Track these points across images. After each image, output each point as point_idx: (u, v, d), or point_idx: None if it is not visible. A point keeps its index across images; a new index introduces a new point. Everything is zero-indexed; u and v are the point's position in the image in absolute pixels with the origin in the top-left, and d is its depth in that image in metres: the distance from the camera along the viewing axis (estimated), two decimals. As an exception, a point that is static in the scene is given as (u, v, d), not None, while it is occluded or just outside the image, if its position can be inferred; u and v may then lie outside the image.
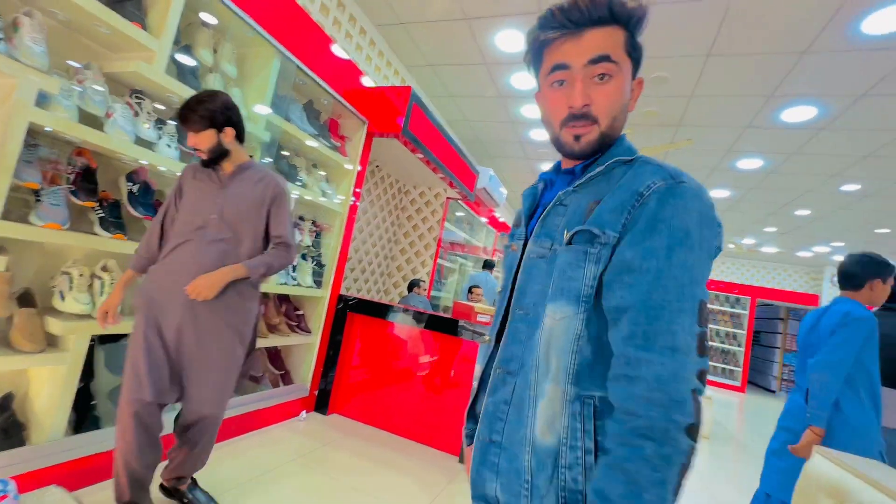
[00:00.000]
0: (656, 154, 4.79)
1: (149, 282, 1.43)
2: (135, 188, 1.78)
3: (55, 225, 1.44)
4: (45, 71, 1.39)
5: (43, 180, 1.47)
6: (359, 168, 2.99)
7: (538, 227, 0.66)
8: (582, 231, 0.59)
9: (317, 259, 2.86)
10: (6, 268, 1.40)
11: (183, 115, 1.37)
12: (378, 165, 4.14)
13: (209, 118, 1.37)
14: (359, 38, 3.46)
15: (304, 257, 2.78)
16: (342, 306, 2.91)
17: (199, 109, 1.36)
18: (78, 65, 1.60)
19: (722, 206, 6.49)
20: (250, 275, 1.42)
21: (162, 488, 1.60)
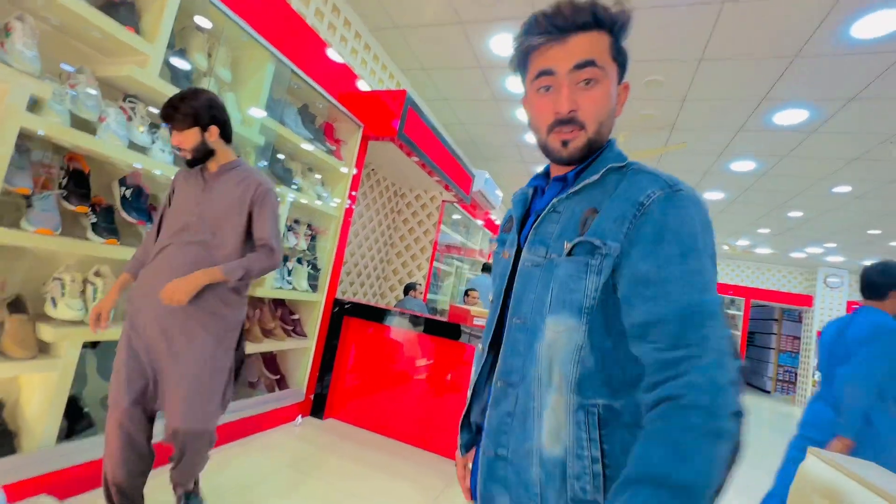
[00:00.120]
0: (651, 157, 4.82)
1: (134, 287, 1.40)
2: (128, 193, 1.77)
3: (47, 230, 1.43)
4: (37, 75, 1.38)
5: (34, 185, 1.46)
6: (354, 171, 2.98)
7: (532, 235, 0.66)
8: (582, 242, 0.59)
9: (312, 263, 2.85)
10: (-3, 274, 1.39)
11: (165, 114, 1.33)
12: (374, 169, 4.14)
13: (192, 116, 1.32)
14: (354, 42, 3.47)
15: (300, 261, 2.77)
16: (338, 310, 2.90)
17: (182, 107, 1.32)
18: (70, 68, 1.59)
19: (716, 208, 6.53)
20: (227, 278, 1.34)
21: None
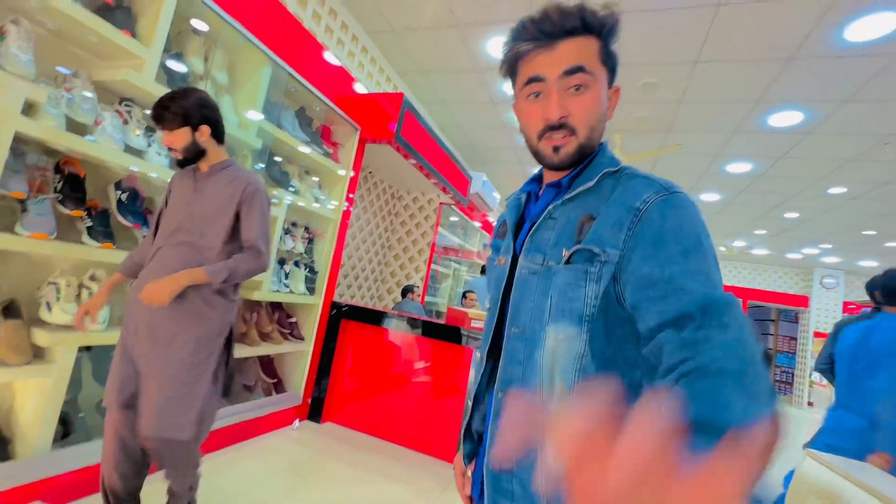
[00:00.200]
0: (647, 159, 4.84)
1: (131, 288, 1.40)
2: (124, 196, 1.76)
3: (42, 235, 1.42)
4: (32, 79, 1.38)
5: (29, 189, 1.45)
6: (352, 174, 2.98)
7: (528, 243, 0.66)
8: (581, 250, 0.58)
9: (309, 266, 2.85)
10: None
11: (155, 113, 1.32)
12: (371, 171, 4.14)
13: (182, 115, 1.31)
14: (351, 45, 3.47)
15: (297, 264, 2.76)
16: (335, 313, 2.89)
17: (172, 106, 1.30)
18: (67, 71, 1.59)
19: (712, 210, 6.56)
20: (210, 280, 1.30)
21: None
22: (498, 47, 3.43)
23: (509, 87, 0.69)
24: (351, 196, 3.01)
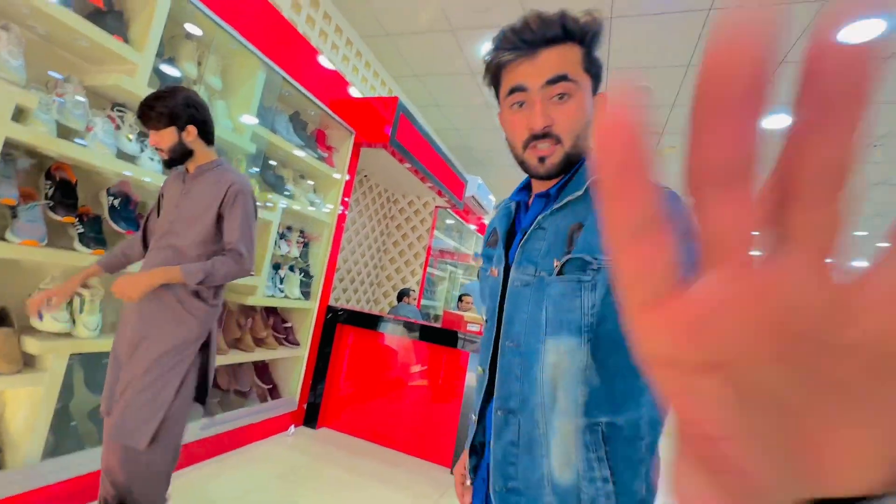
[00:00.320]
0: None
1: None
2: (116, 202, 1.75)
3: (32, 242, 1.41)
4: (23, 85, 1.36)
5: (20, 196, 1.44)
6: (347, 178, 2.98)
7: (519, 254, 0.65)
8: (572, 259, 0.58)
9: (305, 270, 2.84)
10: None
11: (141, 112, 1.29)
12: (366, 175, 4.13)
13: (168, 115, 1.28)
14: (345, 49, 3.47)
15: (292, 269, 2.75)
16: (331, 317, 2.88)
17: (158, 106, 1.26)
18: (59, 76, 1.58)
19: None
20: (185, 279, 1.24)
21: None
22: (492, 51, 3.45)
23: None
24: (346, 200, 3.01)
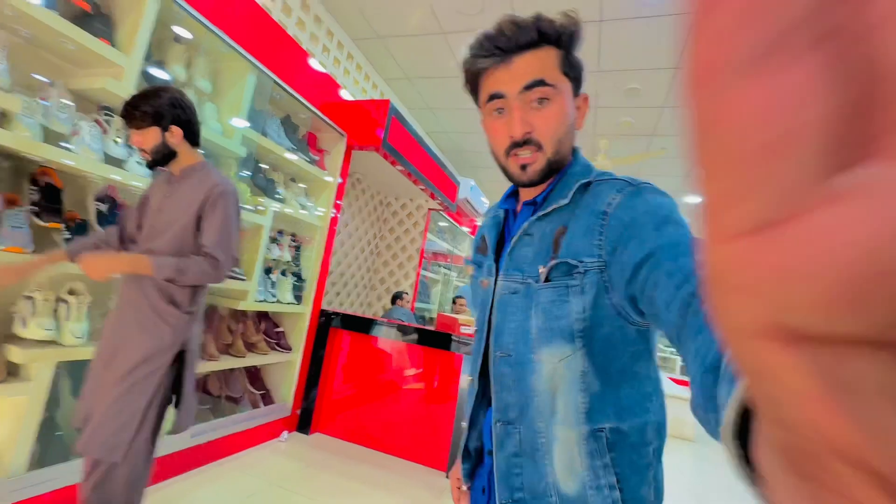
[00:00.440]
0: (632, 163, 4.91)
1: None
2: (104, 207, 1.72)
3: (17, 248, 1.38)
4: (7, 89, 1.34)
5: (4, 201, 1.41)
6: (339, 181, 2.96)
7: (507, 262, 0.64)
8: (558, 264, 0.57)
9: (297, 274, 2.82)
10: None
11: (124, 111, 1.25)
12: (358, 178, 4.12)
13: (152, 115, 1.24)
14: (336, 52, 3.46)
15: (284, 273, 2.73)
16: (324, 321, 2.86)
17: (142, 105, 1.22)
18: (45, 79, 1.55)
19: (697, 212, 6.69)
20: (154, 272, 1.18)
21: None
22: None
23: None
24: (338, 203, 2.99)
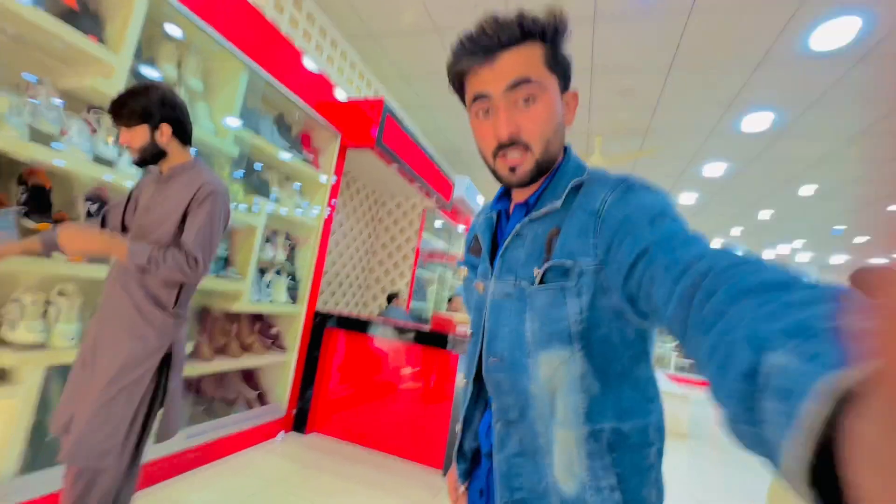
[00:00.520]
0: (626, 161, 4.93)
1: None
2: (94, 208, 1.70)
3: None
4: (-8, 87, 1.32)
5: (-9, 202, 1.39)
6: (333, 180, 2.95)
7: (500, 264, 0.63)
8: (553, 267, 0.56)
9: (292, 274, 2.80)
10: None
11: (112, 109, 1.22)
12: (353, 177, 4.10)
13: (140, 113, 1.21)
14: (330, 51, 3.44)
15: (279, 273, 2.71)
16: (319, 321, 2.85)
17: (131, 103, 1.20)
18: (33, 78, 1.53)
19: (691, 211, 6.72)
20: (127, 258, 1.15)
21: None
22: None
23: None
24: (333, 202, 2.98)
